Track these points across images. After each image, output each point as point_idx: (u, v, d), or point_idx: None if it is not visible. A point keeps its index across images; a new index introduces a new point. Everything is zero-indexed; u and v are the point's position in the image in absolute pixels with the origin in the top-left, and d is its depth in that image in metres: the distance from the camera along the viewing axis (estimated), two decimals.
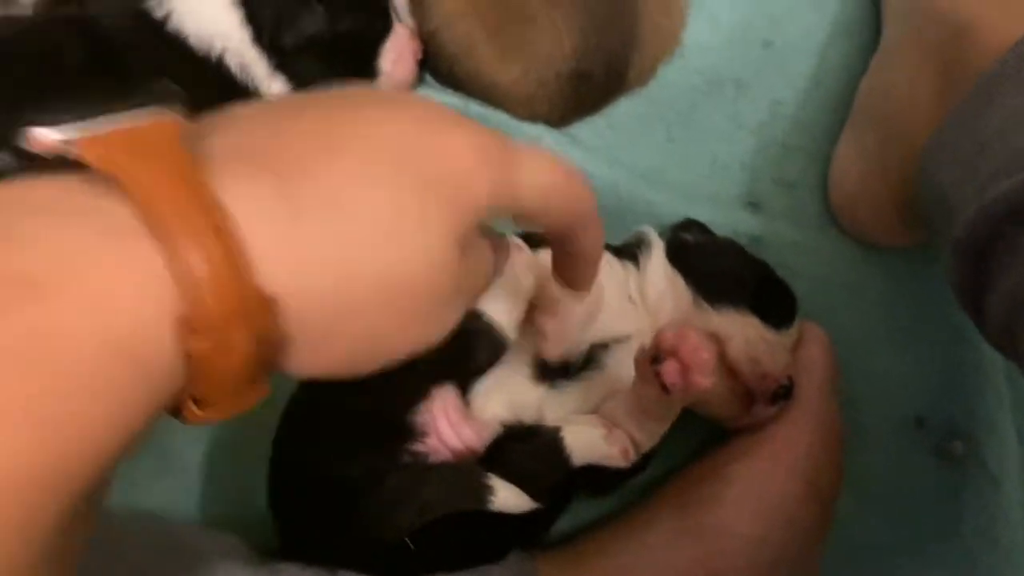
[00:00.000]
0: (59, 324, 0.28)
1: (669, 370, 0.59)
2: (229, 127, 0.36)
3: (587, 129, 0.89)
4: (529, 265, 0.63)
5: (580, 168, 0.80)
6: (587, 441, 0.65)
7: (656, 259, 0.74)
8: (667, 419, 0.67)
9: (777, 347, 0.71)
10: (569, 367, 0.68)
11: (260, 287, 0.32)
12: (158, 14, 0.73)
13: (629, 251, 0.75)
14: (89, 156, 0.31)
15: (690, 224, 0.80)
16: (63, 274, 0.29)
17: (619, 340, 0.70)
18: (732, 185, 0.91)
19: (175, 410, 0.34)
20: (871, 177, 0.81)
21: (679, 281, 0.73)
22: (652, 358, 0.60)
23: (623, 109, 0.90)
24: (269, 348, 0.34)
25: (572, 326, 0.65)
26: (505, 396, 0.66)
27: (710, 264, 0.75)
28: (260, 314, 0.32)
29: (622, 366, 0.69)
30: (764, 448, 0.70)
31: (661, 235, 0.78)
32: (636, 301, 0.72)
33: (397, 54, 0.80)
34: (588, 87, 0.82)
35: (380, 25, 0.79)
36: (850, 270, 0.87)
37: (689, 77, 0.91)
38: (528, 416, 0.67)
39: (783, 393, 0.70)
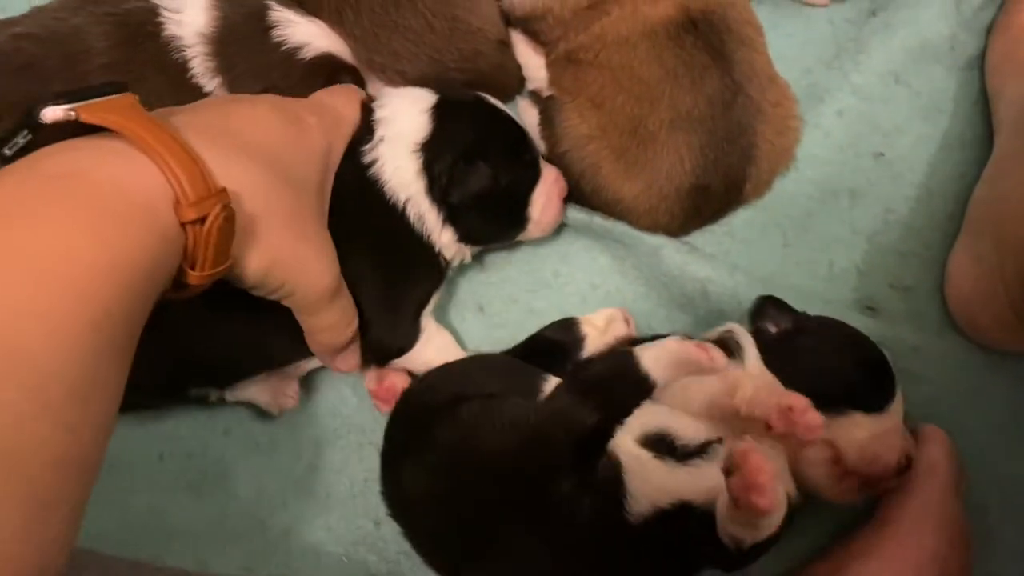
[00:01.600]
0: (106, 188, 0.51)
1: (735, 484, 0.60)
2: (175, 114, 0.62)
3: (706, 237, 0.94)
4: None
5: (701, 275, 0.87)
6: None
7: (750, 355, 0.76)
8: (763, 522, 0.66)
9: (890, 433, 0.73)
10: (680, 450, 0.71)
11: (216, 181, 0.56)
12: (365, 159, 0.79)
13: (723, 348, 0.77)
14: (91, 118, 0.54)
15: (766, 307, 0.81)
16: (99, 167, 0.52)
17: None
18: (849, 290, 0.94)
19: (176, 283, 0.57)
20: (988, 283, 0.83)
21: (776, 385, 0.73)
22: (726, 468, 0.62)
23: (741, 218, 0.95)
24: (231, 222, 0.57)
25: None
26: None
27: (800, 364, 0.75)
28: (220, 196, 0.56)
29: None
30: (888, 549, 0.71)
31: (743, 320, 0.81)
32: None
33: (546, 198, 0.85)
34: (707, 200, 0.88)
35: (532, 174, 0.84)
36: (972, 375, 0.88)
37: (804, 187, 0.96)
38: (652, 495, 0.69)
39: (903, 471, 0.72)
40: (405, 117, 0.79)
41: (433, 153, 0.78)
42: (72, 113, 0.54)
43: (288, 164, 0.67)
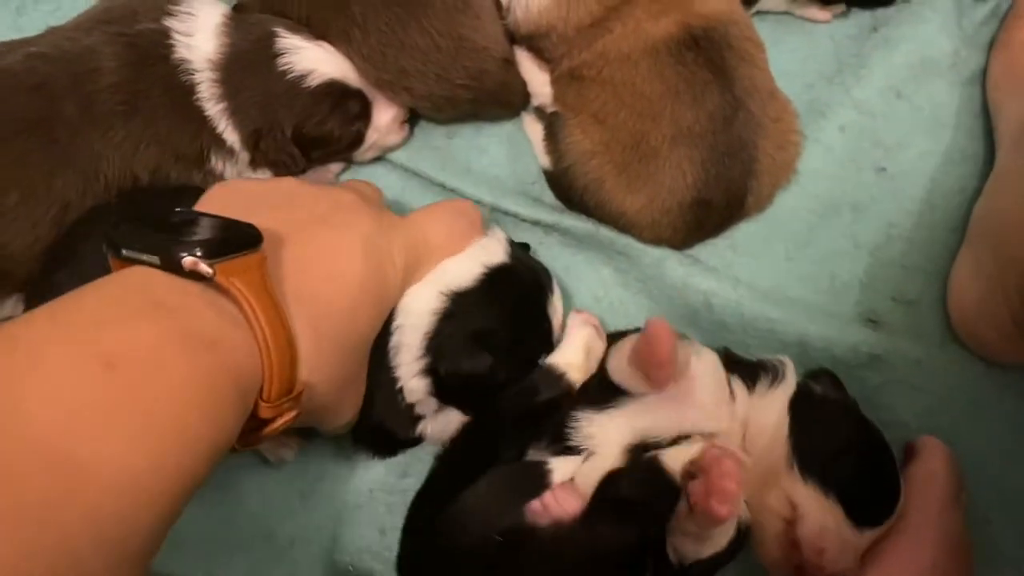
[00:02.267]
0: (224, 365, 0.52)
1: (695, 489, 0.60)
2: (282, 265, 0.62)
3: (709, 251, 0.95)
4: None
5: (704, 288, 0.88)
6: (686, 456, 0.67)
7: (778, 397, 0.76)
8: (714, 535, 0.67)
9: (849, 547, 0.70)
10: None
11: (301, 377, 0.59)
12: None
13: (752, 370, 0.78)
14: (224, 283, 0.55)
15: (824, 375, 0.81)
16: (224, 341, 0.53)
17: (703, 436, 0.72)
18: (852, 303, 0.94)
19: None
20: (990, 296, 0.84)
21: (783, 430, 0.73)
22: (689, 472, 0.62)
23: (743, 231, 0.96)
24: (303, 413, 0.60)
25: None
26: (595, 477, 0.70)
27: (824, 429, 0.74)
28: (295, 401, 0.59)
29: None
30: (887, 561, 0.71)
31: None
32: (730, 417, 0.74)
33: None
34: (709, 213, 0.89)
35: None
36: (973, 387, 0.88)
37: (806, 202, 0.97)
38: None
39: None
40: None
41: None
42: (211, 271, 0.55)
43: (361, 327, 0.68)
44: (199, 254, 0.54)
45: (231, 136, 0.85)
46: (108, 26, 0.83)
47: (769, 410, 0.75)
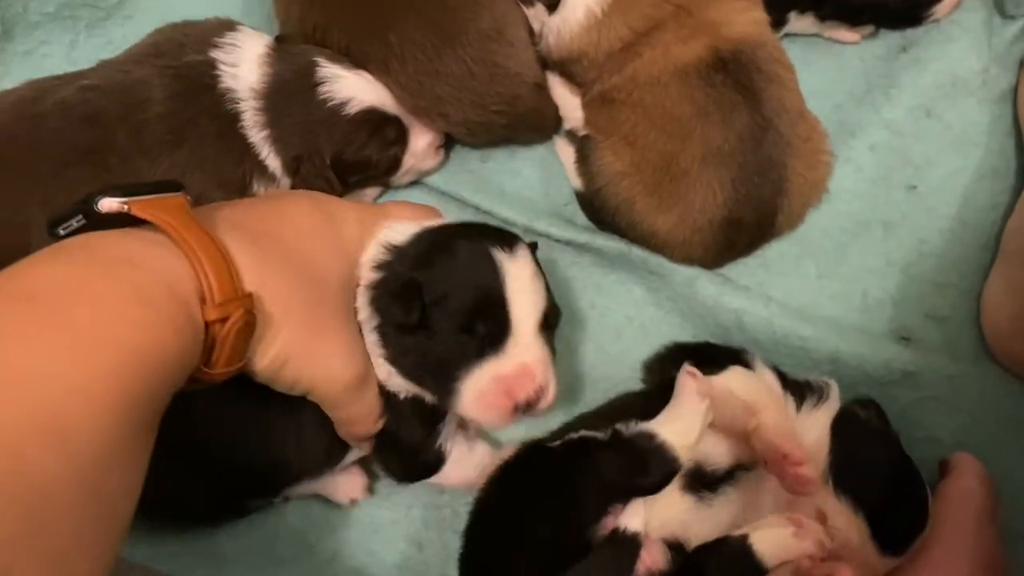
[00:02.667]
0: (151, 278, 0.56)
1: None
2: (219, 209, 0.68)
3: (740, 269, 0.96)
4: (702, 391, 0.70)
5: (736, 306, 0.89)
6: (777, 542, 0.66)
7: (821, 417, 0.77)
8: None
9: (867, 567, 0.71)
10: (712, 479, 0.73)
11: (243, 285, 0.61)
12: None
13: (800, 389, 0.79)
14: (141, 213, 0.60)
15: (871, 404, 0.82)
16: (146, 259, 0.57)
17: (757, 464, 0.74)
18: (884, 320, 0.95)
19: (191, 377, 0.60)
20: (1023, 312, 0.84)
21: (824, 447, 0.75)
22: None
23: (775, 250, 0.97)
24: (250, 326, 0.62)
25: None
26: (654, 509, 0.69)
27: (864, 450, 0.75)
28: (243, 301, 0.61)
29: (758, 484, 0.74)
30: None
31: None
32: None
33: (482, 393, 0.73)
34: (739, 232, 0.90)
35: (474, 351, 0.73)
36: (1007, 403, 0.88)
37: (837, 220, 0.98)
38: (675, 530, 0.71)
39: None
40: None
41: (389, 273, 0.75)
42: (125, 207, 0.60)
43: (315, 260, 0.70)
44: (115, 195, 0.60)
45: (273, 162, 0.88)
46: (157, 59, 0.87)
47: (812, 427, 0.76)
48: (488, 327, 0.72)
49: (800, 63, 0.98)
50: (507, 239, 0.75)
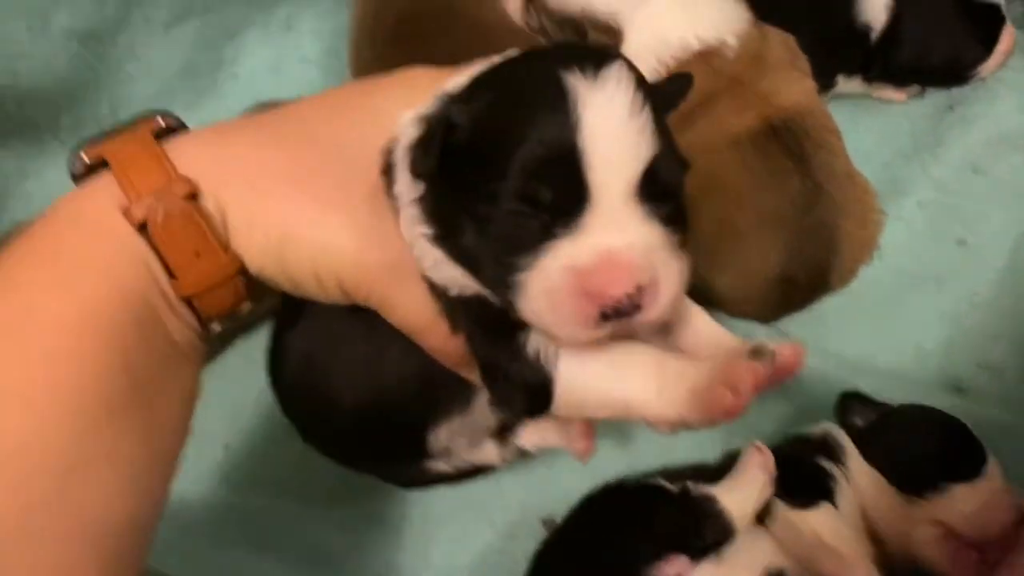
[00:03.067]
0: (72, 221, 0.51)
1: None
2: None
3: (796, 323, 1.00)
4: (765, 465, 0.74)
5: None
6: None
7: (855, 462, 0.82)
8: None
9: (994, 494, 0.77)
10: None
11: (179, 173, 0.52)
12: None
13: (825, 448, 0.84)
14: (91, 156, 0.54)
15: (851, 403, 0.88)
16: (70, 201, 0.52)
17: None
18: (938, 370, 0.98)
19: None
20: None
21: (880, 479, 0.80)
22: None
23: (829, 304, 1.00)
24: (192, 216, 0.51)
25: None
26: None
27: (891, 452, 0.81)
28: (179, 185, 0.51)
29: None
30: None
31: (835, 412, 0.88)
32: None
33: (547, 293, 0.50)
34: (793, 290, 0.94)
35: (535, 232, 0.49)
36: None
37: (889, 275, 1.01)
38: None
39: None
40: None
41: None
42: (83, 158, 0.54)
43: (337, 134, 0.57)
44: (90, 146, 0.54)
45: None
46: None
47: (860, 474, 0.81)
48: (555, 193, 0.48)
49: (849, 123, 1.02)
50: (593, 58, 0.49)
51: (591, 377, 0.54)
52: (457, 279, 0.54)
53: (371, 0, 0.99)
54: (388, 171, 0.55)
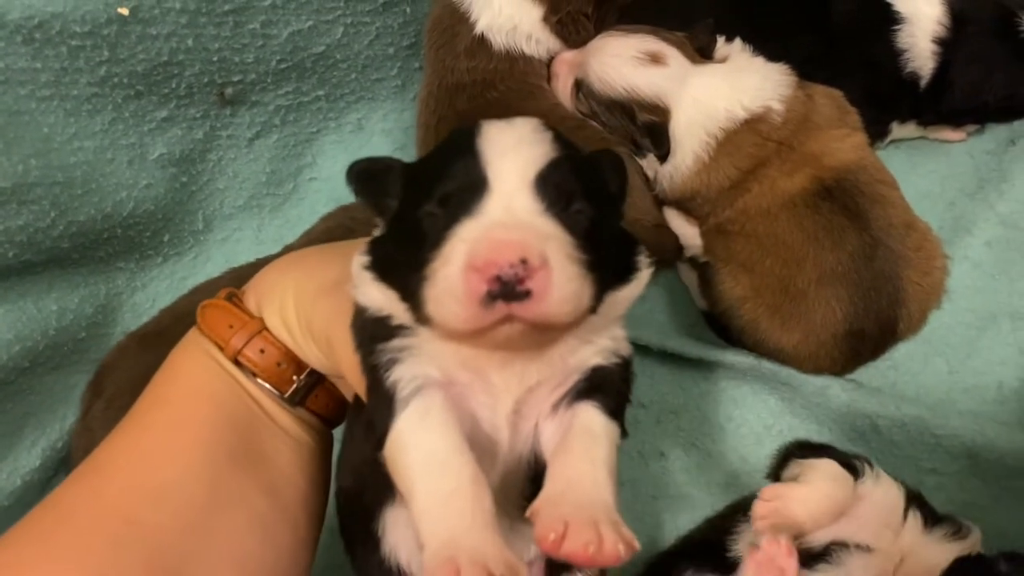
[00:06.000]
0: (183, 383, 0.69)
1: None
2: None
3: (871, 373, 1.01)
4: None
5: (870, 411, 0.93)
6: None
7: (949, 549, 0.80)
8: None
9: None
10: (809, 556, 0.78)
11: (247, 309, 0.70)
12: None
13: (938, 516, 0.83)
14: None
15: (1013, 557, 0.82)
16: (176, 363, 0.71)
17: (860, 547, 0.79)
18: (1021, 410, 0.97)
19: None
20: None
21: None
22: None
23: (903, 352, 1.01)
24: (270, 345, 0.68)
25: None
26: None
27: None
28: (248, 326, 0.68)
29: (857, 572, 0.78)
30: None
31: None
32: (892, 542, 0.81)
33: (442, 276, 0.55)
34: (863, 342, 0.96)
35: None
36: None
37: (961, 317, 1.01)
38: None
39: None
40: None
41: None
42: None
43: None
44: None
45: None
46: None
47: (935, 553, 0.80)
48: (458, 188, 0.55)
49: (908, 167, 1.04)
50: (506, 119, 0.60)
51: (417, 453, 0.54)
52: (375, 298, 0.59)
53: (433, 102, 1.06)
54: None
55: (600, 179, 0.62)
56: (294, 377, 0.69)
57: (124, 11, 0.88)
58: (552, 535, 0.49)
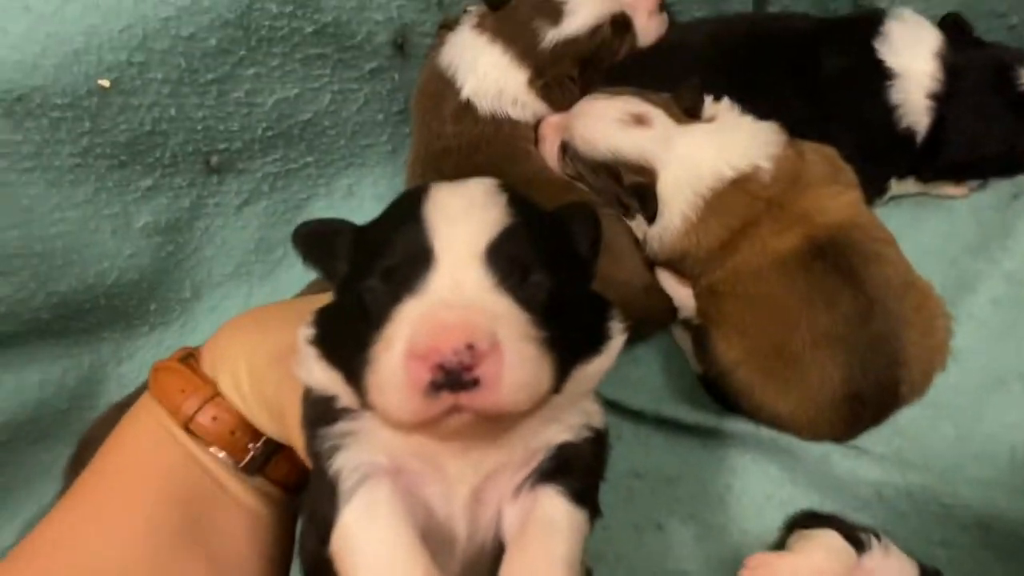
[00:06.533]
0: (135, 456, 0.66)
1: None
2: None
3: (875, 438, 0.97)
4: None
5: (872, 479, 0.89)
6: None
7: None
8: None
9: None
10: None
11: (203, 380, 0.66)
12: None
13: None
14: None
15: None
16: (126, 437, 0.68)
17: None
18: None
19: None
20: None
21: None
22: None
23: (907, 416, 0.97)
24: (226, 405, 0.65)
25: None
26: None
27: None
28: (205, 388, 0.66)
29: None
30: None
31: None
32: None
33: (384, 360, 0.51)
34: (863, 407, 0.92)
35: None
36: None
37: (969, 378, 0.97)
38: None
39: None
40: None
41: None
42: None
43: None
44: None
45: None
46: None
47: None
48: (403, 262, 0.51)
49: (910, 223, 1.01)
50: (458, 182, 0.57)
51: (365, 552, 0.50)
52: (318, 377, 0.55)
53: (420, 167, 1.06)
54: None
55: (566, 240, 0.58)
56: (249, 445, 0.66)
57: (105, 83, 0.88)
58: None
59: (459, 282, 0.49)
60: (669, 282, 1.03)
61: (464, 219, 0.52)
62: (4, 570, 0.61)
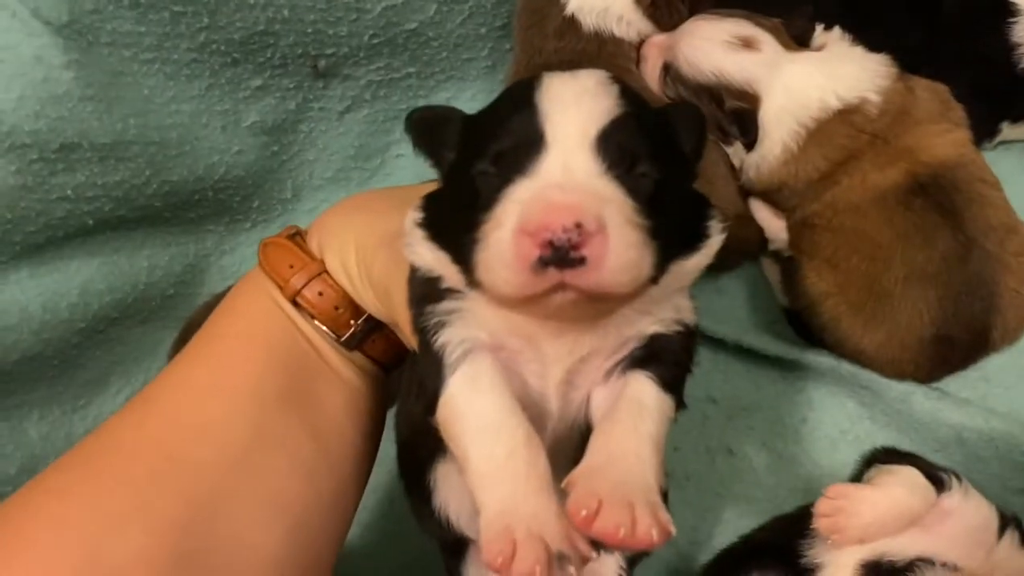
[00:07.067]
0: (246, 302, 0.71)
1: None
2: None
3: (960, 383, 0.96)
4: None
5: (955, 422, 0.89)
6: None
7: None
8: None
9: None
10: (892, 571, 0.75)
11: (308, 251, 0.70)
12: None
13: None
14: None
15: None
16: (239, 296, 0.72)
17: (946, 566, 0.75)
18: None
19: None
20: None
21: None
22: None
23: (996, 363, 0.95)
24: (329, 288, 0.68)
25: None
26: None
27: None
28: (313, 265, 0.68)
29: None
30: None
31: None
32: (984, 559, 0.76)
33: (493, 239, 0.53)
34: (952, 349, 0.91)
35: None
36: None
37: None
38: None
39: None
40: None
41: None
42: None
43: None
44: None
45: None
46: None
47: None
48: (514, 146, 0.52)
49: (1019, 169, 0.98)
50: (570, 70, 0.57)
51: (469, 418, 0.53)
52: (426, 258, 0.58)
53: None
54: None
55: (672, 137, 0.58)
56: (351, 322, 0.69)
57: None
58: (584, 511, 0.47)
59: (570, 166, 0.50)
60: (763, 213, 1.02)
61: (576, 106, 0.53)
62: (124, 416, 0.65)
